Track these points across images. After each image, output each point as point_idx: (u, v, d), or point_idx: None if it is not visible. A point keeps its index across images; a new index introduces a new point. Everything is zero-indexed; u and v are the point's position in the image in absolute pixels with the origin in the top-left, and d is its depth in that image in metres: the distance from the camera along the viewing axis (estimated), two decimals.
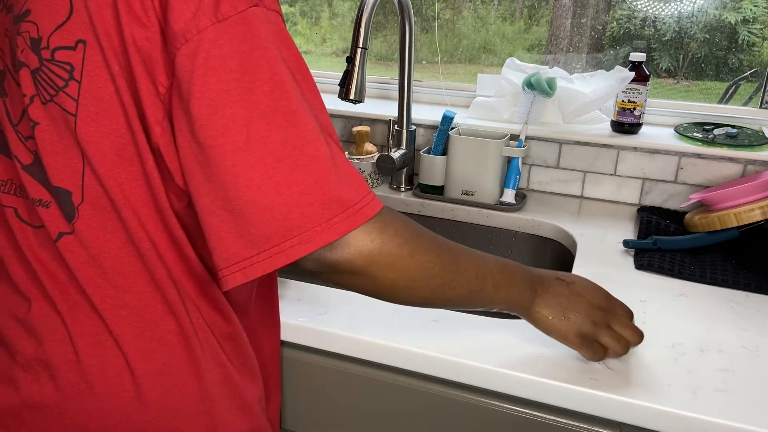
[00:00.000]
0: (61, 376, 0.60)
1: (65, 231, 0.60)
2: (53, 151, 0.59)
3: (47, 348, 0.61)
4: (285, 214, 0.53)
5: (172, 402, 0.62)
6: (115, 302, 0.61)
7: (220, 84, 0.53)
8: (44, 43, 0.58)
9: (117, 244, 0.60)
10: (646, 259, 0.99)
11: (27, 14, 0.59)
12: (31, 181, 0.61)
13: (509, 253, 1.21)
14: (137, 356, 0.61)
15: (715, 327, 0.81)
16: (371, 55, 1.65)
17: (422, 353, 0.75)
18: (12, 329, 0.62)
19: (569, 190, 1.29)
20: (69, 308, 0.61)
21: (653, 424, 0.67)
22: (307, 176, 0.54)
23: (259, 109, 0.54)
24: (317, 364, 0.82)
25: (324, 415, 0.84)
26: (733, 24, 1.32)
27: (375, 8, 1.08)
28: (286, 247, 0.54)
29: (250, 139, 0.53)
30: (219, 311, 0.66)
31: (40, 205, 0.61)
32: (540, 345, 0.76)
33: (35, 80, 0.59)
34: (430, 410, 0.77)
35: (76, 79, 0.58)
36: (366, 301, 0.86)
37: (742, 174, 1.17)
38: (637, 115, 1.21)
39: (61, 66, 0.58)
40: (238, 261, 0.54)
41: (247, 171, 0.53)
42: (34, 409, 0.60)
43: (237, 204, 0.53)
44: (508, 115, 1.32)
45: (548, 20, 1.50)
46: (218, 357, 0.66)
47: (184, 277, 0.62)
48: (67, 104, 0.58)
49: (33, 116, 0.59)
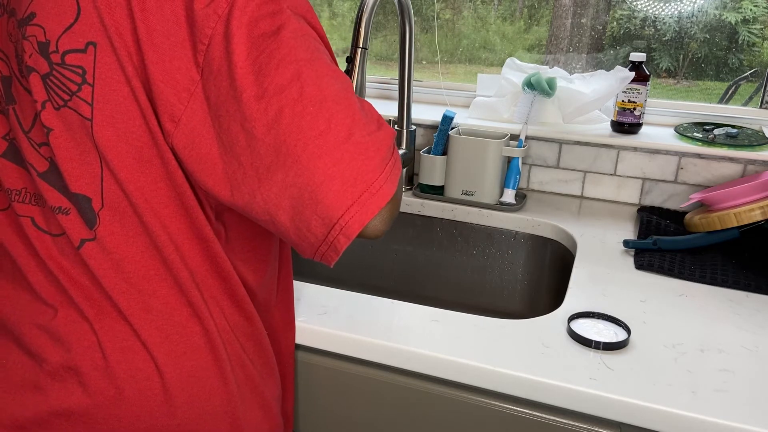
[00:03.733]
0: (90, 383, 0.60)
1: (87, 238, 0.60)
2: (69, 158, 0.58)
3: (75, 355, 0.60)
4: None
5: (199, 405, 0.62)
6: (141, 306, 0.61)
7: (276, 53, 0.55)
8: (53, 47, 0.57)
9: (140, 248, 0.60)
10: (646, 259, 0.99)
11: (32, 17, 0.58)
12: (48, 188, 0.60)
13: (509, 253, 1.21)
14: (166, 360, 0.61)
15: (715, 327, 0.81)
16: (371, 55, 1.65)
17: (422, 353, 0.75)
18: (37, 337, 0.62)
19: (569, 190, 1.29)
20: (96, 314, 0.61)
21: (653, 424, 0.67)
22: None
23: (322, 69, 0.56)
24: (317, 364, 0.82)
25: (324, 415, 0.84)
26: (733, 24, 1.32)
27: (375, 8, 1.08)
28: (366, 198, 0.55)
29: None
30: (241, 311, 0.66)
31: (60, 213, 0.60)
32: (540, 345, 0.76)
33: (46, 85, 0.58)
34: (430, 410, 0.77)
35: (89, 83, 0.57)
36: (366, 301, 0.86)
37: (742, 174, 1.17)
38: (637, 115, 1.21)
39: (72, 70, 0.57)
40: (337, 219, 0.55)
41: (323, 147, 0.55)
42: (62, 416, 0.60)
43: (308, 172, 0.54)
44: (508, 115, 1.32)
45: (548, 20, 1.50)
46: (241, 357, 0.66)
47: (207, 278, 0.63)
48: (83, 109, 0.57)
49: (46, 122, 0.58)
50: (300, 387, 0.84)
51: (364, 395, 0.80)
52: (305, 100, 0.54)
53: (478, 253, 1.24)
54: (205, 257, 0.62)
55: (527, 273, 1.21)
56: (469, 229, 1.24)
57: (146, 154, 0.58)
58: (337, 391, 0.82)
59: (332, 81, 0.56)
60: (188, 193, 0.59)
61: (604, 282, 0.93)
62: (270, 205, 0.56)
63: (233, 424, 0.65)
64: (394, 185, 0.57)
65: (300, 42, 0.56)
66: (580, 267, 0.98)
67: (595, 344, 0.75)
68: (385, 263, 1.33)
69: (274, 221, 0.57)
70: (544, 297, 1.19)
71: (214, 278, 0.63)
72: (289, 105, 0.54)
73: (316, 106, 0.54)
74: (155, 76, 0.55)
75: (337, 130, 0.54)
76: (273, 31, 0.55)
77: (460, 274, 1.27)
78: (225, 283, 0.64)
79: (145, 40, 0.55)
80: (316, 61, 0.56)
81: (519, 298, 1.23)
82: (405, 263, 1.31)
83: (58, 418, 0.60)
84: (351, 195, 0.54)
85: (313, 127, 0.54)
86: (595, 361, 0.73)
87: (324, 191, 0.54)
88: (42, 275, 0.62)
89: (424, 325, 0.80)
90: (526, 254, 1.20)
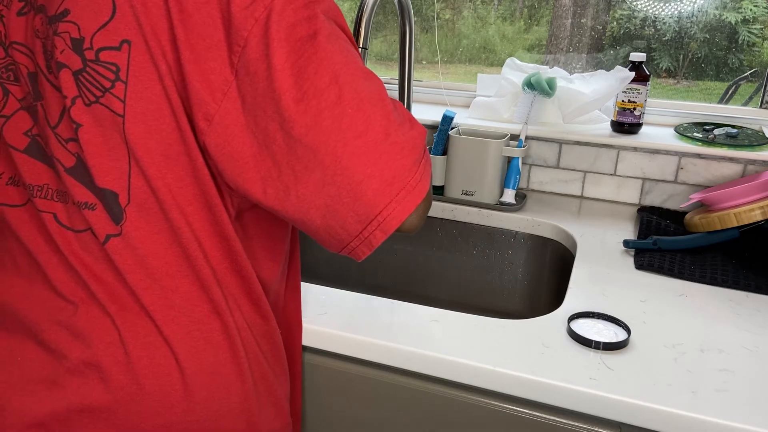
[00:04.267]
0: (112, 378, 0.60)
1: (113, 233, 0.60)
2: (98, 153, 0.59)
3: (97, 351, 0.61)
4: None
5: (217, 401, 0.63)
6: (164, 302, 0.61)
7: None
8: (87, 44, 0.58)
9: (164, 244, 0.61)
10: (646, 259, 0.99)
11: (66, 14, 0.59)
12: (75, 184, 0.61)
13: (509, 253, 1.21)
14: (186, 356, 0.62)
15: (715, 327, 0.81)
16: (371, 55, 1.65)
17: (422, 353, 0.75)
18: (56, 333, 0.62)
19: (569, 190, 1.29)
20: (118, 310, 0.61)
21: (653, 424, 0.67)
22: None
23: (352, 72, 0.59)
24: (317, 364, 0.82)
25: (324, 414, 0.84)
26: (733, 24, 1.32)
27: (375, 8, 1.08)
28: (403, 196, 0.58)
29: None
30: (258, 309, 0.68)
31: (86, 208, 0.61)
32: (540, 345, 0.76)
33: (77, 81, 0.59)
34: (430, 410, 0.77)
35: (122, 80, 0.58)
36: (366, 301, 0.86)
37: (742, 174, 1.17)
38: (637, 115, 1.21)
39: (106, 67, 0.58)
40: (374, 216, 0.58)
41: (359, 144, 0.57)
42: (82, 412, 0.60)
43: (347, 171, 0.57)
44: (508, 115, 1.32)
45: (548, 20, 1.50)
46: (257, 355, 0.67)
47: (227, 275, 0.64)
48: (115, 105, 0.58)
49: (76, 118, 0.59)
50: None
51: (364, 395, 0.80)
52: (344, 102, 0.57)
53: (478, 253, 1.24)
54: (226, 255, 0.64)
55: (527, 273, 1.21)
56: (469, 229, 1.24)
57: (174, 151, 0.59)
58: (338, 391, 0.82)
59: (368, 83, 0.59)
60: (213, 192, 0.61)
61: (604, 282, 0.93)
62: (304, 203, 0.58)
63: (249, 421, 0.66)
64: (428, 182, 0.61)
65: (335, 46, 0.58)
66: (580, 267, 0.98)
67: (595, 344, 0.75)
68: (385, 263, 1.33)
69: (305, 219, 0.59)
70: (544, 297, 1.19)
71: (234, 276, 0.65)
72: (328, 108, 0.56)
73: (354, 108, 0.57)
74: (191, 76, 0.57)
75: (375, 131, 0.57)
76: (310, 35, 0.57)
77: (460, 274, 1.27)
78: (244, 282, 0.65)
79: (182, 41, 0.56)
80: (350, 64, 0.58)
81: (519, 298, 1.23)
82: (405, 263, 1.31)
83: (78, 414, 0.60)
84: (389, 193, 0.57)
85: (353, 129, 0.56)
86: (595, 361, 0.73)
87: (364, 189, 0.57)
88: (62, 271, 0.62)
89: (424, 325, 0.80)
90: (526, 254, 1.20)
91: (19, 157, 0.64)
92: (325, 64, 0.57)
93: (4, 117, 0.64)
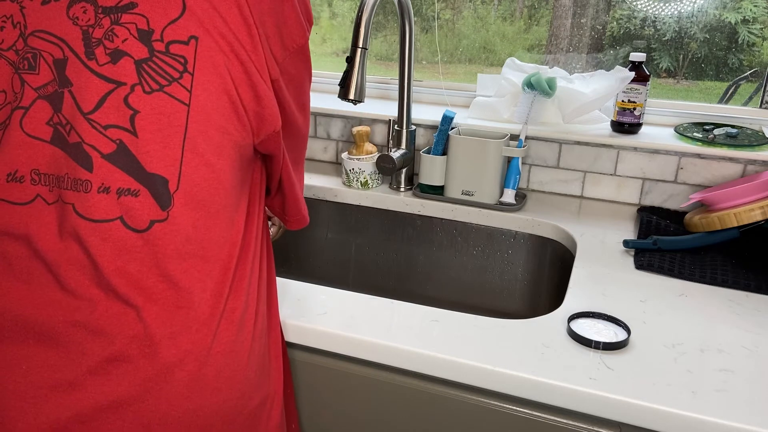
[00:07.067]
0: (139, 370, 0.60)
1: (158, 219, 0.61)
2: (153, 140, 0.61)
3: (121, 345, 0.60)
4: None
5: (237, 381, 0.66)
6: (200, 286, 0.63)
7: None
8: (157, 36, 0.61)
9: (201, 230, 0.63)
10: (646, 259, 0.99)
11: (132, 6, 0.61)
12: (114, 170, 0.60)
13: (509, 253, 1.22)
14: (212, 340, 0.64)
15: (715, 327, 0.81)
16: (371, 55, 1.65)
17: (422, 353, 0.75)
18: (73, 335, 0.61)
19: (569, 190, 1.29)
20: (145, 302, 0.61)
21: (653, 424, 0.67)
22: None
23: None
24: (317, 364, 0.82)
25: (323, 414, 0.84)
26: (733, 24, 1.32)
27: (375, 8, 1.08)
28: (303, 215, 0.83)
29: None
30: (270, 296, 0.74)
31: (128, 195, 0.60)
32: (540, 345, 0.76)
33: (139, 70, 0.60)
34: (430, 410, 0.77)
35: (189, 72, 0.61)
36: (366, 301, 0.86)
37: (742, 174, 1.17)
38: (637, 115, 1.21)
39: (175, 58, 0.61)
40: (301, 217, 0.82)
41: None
42: (109, 409, 0.60)
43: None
44: (508, 115, 1.32)
45: (548, 20, 1.50)
46: (266, 340, 0.72)
47: (256, 261, 0.71)
48: (182, 95, 0.61)
49: (133, 104, 0.60)
50: (300, 387, 0.84)
51: (364, 395, 0.80)
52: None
53: (478, 253, 1.24)
54: (258, 242, 0.69)
55: (527, 273, 1.21)
56: (469, 229, 1.24)
57: (227, 142, 0.64)
58: (337, 391, 0.82)
59: None
60: (255, 182, 0.69)
61: (604, 282, 0.93)
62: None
63: (263, 396, 0.70)
64: None
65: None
66: (580, 267, 0.98)
67: (595, 344, 0.75)
68: (385, 263, 1.33)
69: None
70: (544, 297, 1.20)
71: (262, 261, 0.70)
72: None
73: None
74: (252, 71, 0.64)
75: None
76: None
77: (460, 274, 1.27)
78: (268, 268, 0.71)
79: (234, 42, 0.62)
80: None
81: (519, 298, 1.23)
82: (405, 263, 1.31)
83: (104, 411, 0.60)
84: None
85: None
86: (595, 361, 0.73)
87: None
88: (76, 269, 0.61)
89: (424, 325, 0.80)
90: (526, 254, 1.20)
91: (44, 148, 0.62)
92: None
93: (23, 108, 0.62)
